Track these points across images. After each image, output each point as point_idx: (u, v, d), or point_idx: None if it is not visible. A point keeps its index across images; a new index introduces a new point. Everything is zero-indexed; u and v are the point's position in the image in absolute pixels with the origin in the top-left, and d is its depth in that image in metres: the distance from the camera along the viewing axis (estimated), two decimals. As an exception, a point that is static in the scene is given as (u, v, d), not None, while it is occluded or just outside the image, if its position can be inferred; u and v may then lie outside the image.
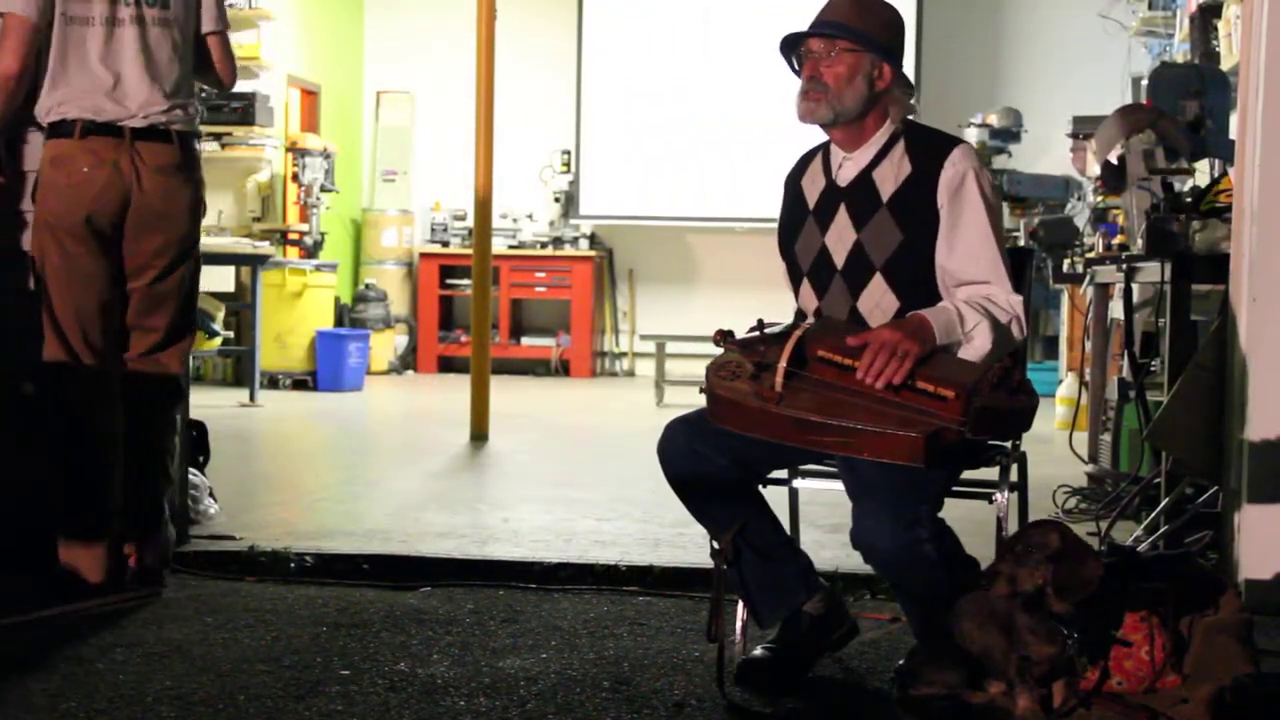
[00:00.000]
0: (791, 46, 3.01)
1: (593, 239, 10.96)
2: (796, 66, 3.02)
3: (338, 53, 11.12)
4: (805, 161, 3.15)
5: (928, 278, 2.94)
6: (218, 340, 8.72)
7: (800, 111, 2.99)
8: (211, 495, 4.61)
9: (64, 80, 3.68)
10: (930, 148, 2.97)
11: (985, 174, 2.97)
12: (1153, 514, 4.35)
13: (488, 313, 7.12)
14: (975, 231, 2.91)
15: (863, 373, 2.68)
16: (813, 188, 3.08)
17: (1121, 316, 5.24)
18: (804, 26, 3.00)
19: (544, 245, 10.90)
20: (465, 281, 10.06)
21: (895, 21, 3.01)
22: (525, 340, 10.88)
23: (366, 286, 10.44)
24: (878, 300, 2.94)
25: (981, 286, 2.90)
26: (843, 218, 2.99)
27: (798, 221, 3.09)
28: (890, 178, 2.96)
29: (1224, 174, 5.21)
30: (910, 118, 3.04)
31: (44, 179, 3.71)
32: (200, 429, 4.76)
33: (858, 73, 2.94)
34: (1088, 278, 5.81)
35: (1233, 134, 4.89)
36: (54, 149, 3.69)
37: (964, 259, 2.91)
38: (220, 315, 8.73)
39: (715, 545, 2.98)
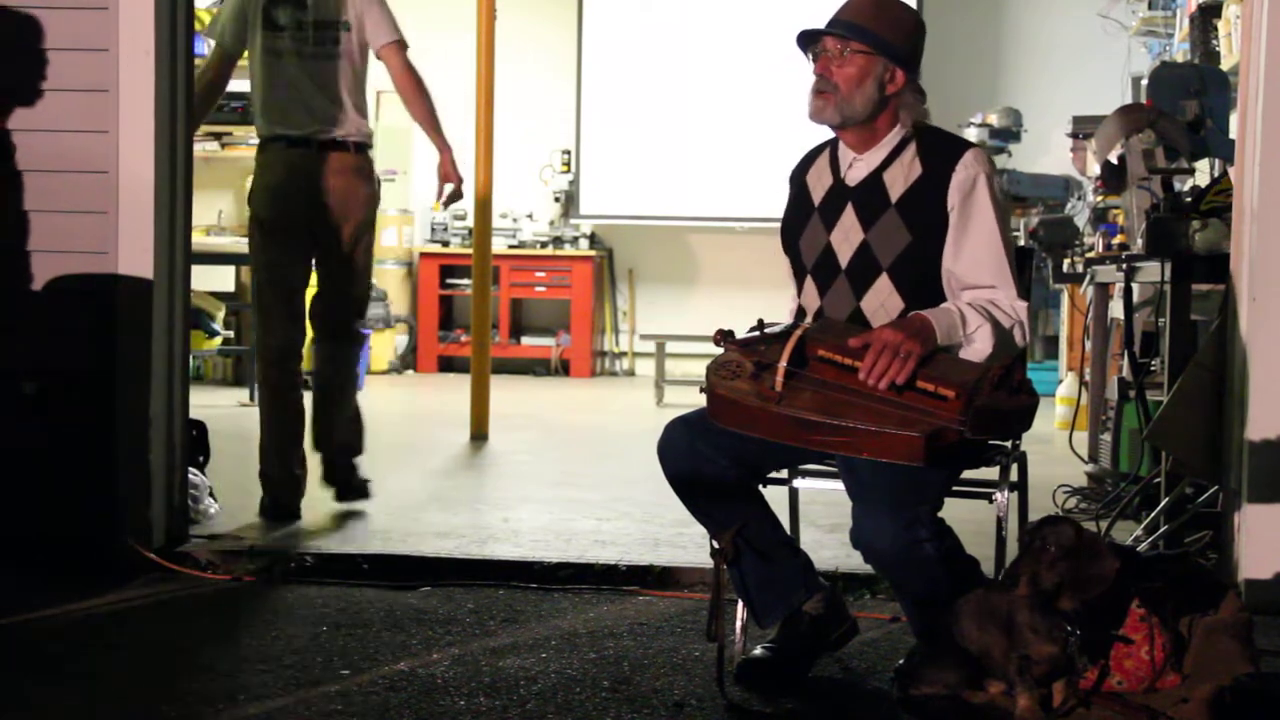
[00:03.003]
0: (809, 40, 3.00)
1: (593, 239, 10.94)
2: (813, 60, 3.01)
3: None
4: (811, 157, 3.14)
5: (934, 280, 2.94)
6: (218, 340, 8.72)
7: (810, 110, 2.98)
8: (212, 495, 4.61)
9: (266, 102, 4.56)
10: (942, 150, 2.97)
11: (996, 179, 2.97)
12: (1153, 514, 4.35)
13: (488, 312, 7.12)
14: (983, 236, 2.91)
15: (865, 373, 2.67)
16: (818, 184, 3.07)
17: (1121, 316, 5.24)
18: (813, 23, 2.99)
19: (544, 245, 10.89)
20: (465, 281, 10.05)
21: (915, 27, 3.00)
22: (525, 340, 10.87)
23: (366, 286, 10.44)
24: (883, 301, 2.93)
25: (986, 291, 2.90)
26: (850, 217, 2.98)
27: (802, 217, 3.08)
28: (900, 179, 2.96)
29: (1224, 174, 5.20)
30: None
31: (253, 183, 4.61)
32: (200, 429, 4.76)
33: (868, 76, 2.93)
34: (1088, 278, 5.81)
35: (1233, 134, 4.89)
36: (260, 158, 4.61)
37: (970, 263, 2.91)
38: (220, 315, 8.72)
39: (715, 545, 2.98)
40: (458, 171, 4.80)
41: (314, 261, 4.69)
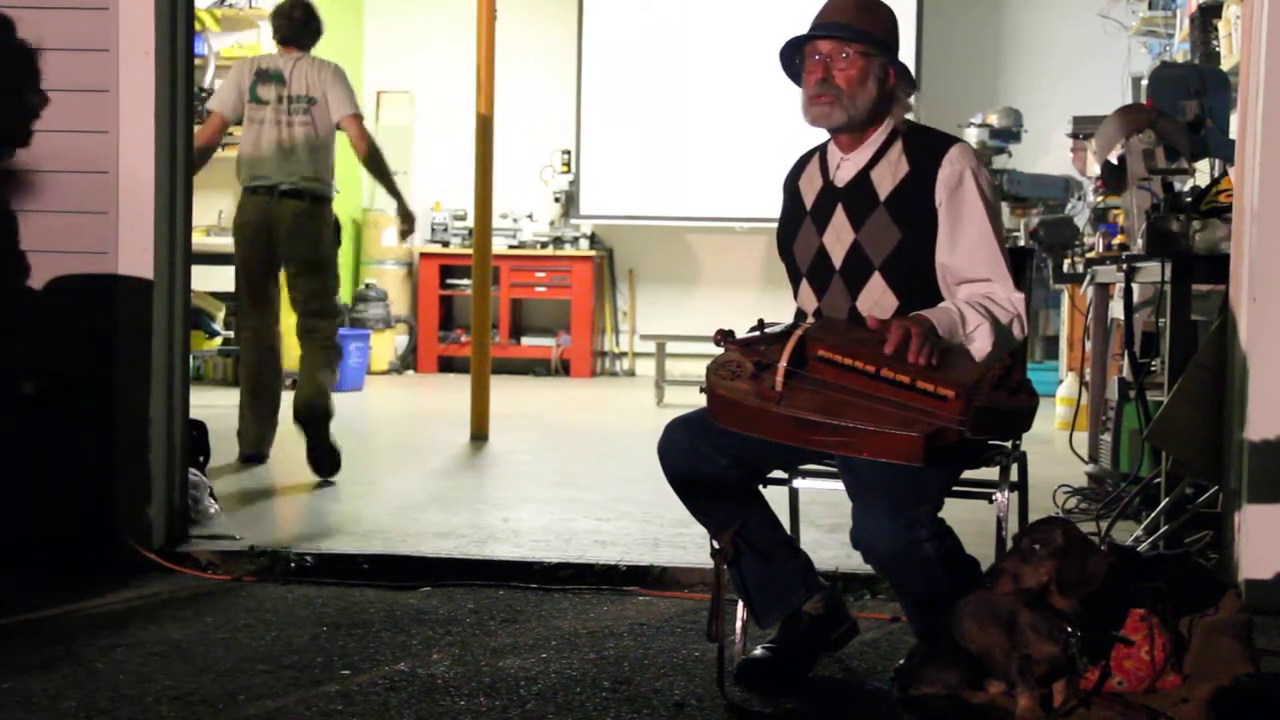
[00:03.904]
0: (793, 49, 3.00)
1: (593, 239, 10.95)
2: (796, 68, 3.00)
3: (337, 53, 10.99)
4: (803, 163, 3.15)
5: (926, 276, 2.94)
6: (218, 340, 8.73)
7: (811, 116, 2.96)
8: (211, 495, 4.61)
9: (246, 159, 5.81)
10: (927, 147, 2.97)
11: (983, 172, 2.97)
12: (1153, 514, 4.35)
13: (488, 313, 7.12)
14: (975, 229, 2.91)
15: (893, 346, 2.62)
16: (810, 188, 3.08)
17: (1121, 316, 5.24)
18: (804, 28, 2.99)
19: (544, 245, 10.90)
20: (465, 281, 10.06)
21: (894, 20, 3.01)
22: (525, 340, 10.88)
23: (367, 286, 10.43)
24: (877, 299, 2.94)
25: (983, 284, 2.90)
26: (840, 218, 2.99)
27: (795, 222, 3.09)
28: (888, 177, 2.96)
29: (1224, 174, 5.20)
30: (909, 117, 3.03)
31: (234, 219, 5.91)
32: (200, 429, 4.77)
33: (869, 75, 2.94)
34: (1088, 278, 5.81)
35: (1233, 134, 4.89)
36: (240, 201, 5.87)
37: (965, 257, 2.91)
38: (220, 315, 8.73)
39: (715, 545, 2.98)
40: (410, 214, 6.18)
41: (280, 273, 5.93)
